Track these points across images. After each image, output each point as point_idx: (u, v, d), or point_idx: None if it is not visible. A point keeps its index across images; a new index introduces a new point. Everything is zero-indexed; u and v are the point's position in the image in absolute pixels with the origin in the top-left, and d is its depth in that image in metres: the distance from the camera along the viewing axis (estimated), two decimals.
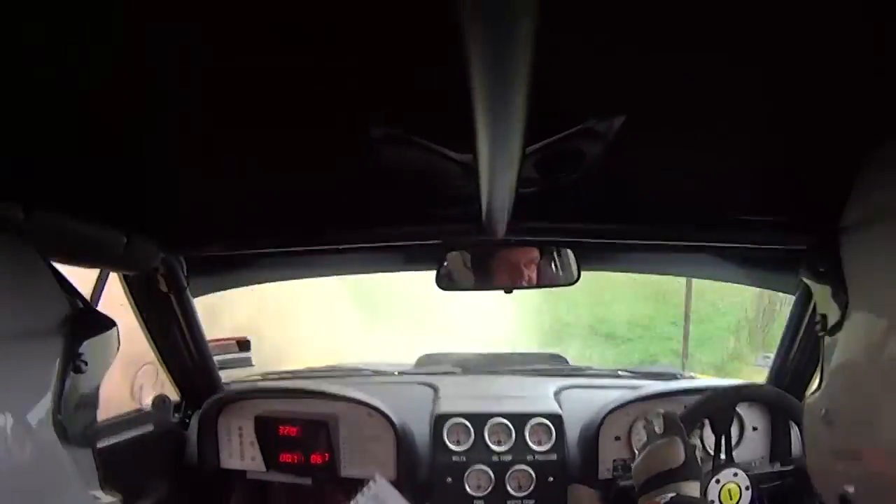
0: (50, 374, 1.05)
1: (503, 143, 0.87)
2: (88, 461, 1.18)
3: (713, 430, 1.81)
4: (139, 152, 1.16)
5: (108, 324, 1.21)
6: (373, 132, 1.02)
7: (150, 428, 2.07)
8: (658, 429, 1.62)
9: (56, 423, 1.05)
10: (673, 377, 2.59)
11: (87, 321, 1.16)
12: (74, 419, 1.11)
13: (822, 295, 1.05)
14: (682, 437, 1.59)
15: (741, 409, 2.16)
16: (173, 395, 2.20)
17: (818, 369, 1.07)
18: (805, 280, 1.15)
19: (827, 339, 1.03)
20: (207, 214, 1.60)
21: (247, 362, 2.50)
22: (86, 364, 1.13)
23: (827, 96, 0.94)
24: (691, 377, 2.65)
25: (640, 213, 1.56)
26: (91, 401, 1.19)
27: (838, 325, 0.98)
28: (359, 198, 1.48)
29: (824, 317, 1.03)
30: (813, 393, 1.06)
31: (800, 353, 2.14)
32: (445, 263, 1.95)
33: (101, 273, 1.77)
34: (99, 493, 1.19)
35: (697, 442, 2.05)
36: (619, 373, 2.72)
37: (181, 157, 1.20)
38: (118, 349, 1.27)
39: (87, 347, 1.13)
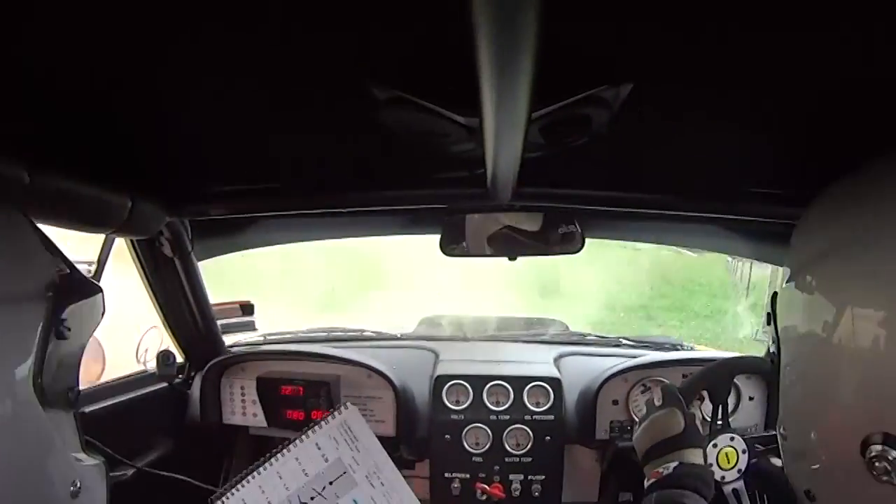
0: (32, 338, 1.06)
1: (509, 107, 0.87)
2: (70, 424, 1.19)
3: (711, 401, 1.85)
4: (143, 115, 1.16)
5: (93, 289, 1.21)
6: (377, 93, 1.01)
7: (154, 387, 2.12)
8: (657, 401, 1.68)
9: (36, 386, 1.05)
10: (673, 347, 2.62)
11: (72, 286, 1.15)
12: (56, 383, 1.12)
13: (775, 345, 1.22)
14: (681, 408, 1.64)
15: (738, 379, 2.21)
16: (178, 357, 2.24)
17: None
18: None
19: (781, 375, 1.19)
20: (212, 178, 1.61)
21: (250, 326, 2.52)
22: (69, 330, 1.13)
23: (837, 70, 0.93)
24: (691, 348, 2.67)
25: (646, 182, 1.55)
26: (73, 366, 1.20)
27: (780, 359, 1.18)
28: (363, 160, 1.48)
29: (773, 354, 1.22)
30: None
31: None
32: (449, 228, 1.95)
33: (106, 238, 1.77)
34: (81, 456, 1.20)
35: (697, 412, 2.08)
36: (621, 341, 2.73)
37: (184, 120, 1.21)
38: (103, 315, 1.27)
39: (71, 313, 1.14)
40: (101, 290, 1.24)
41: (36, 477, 1.06)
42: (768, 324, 1.23)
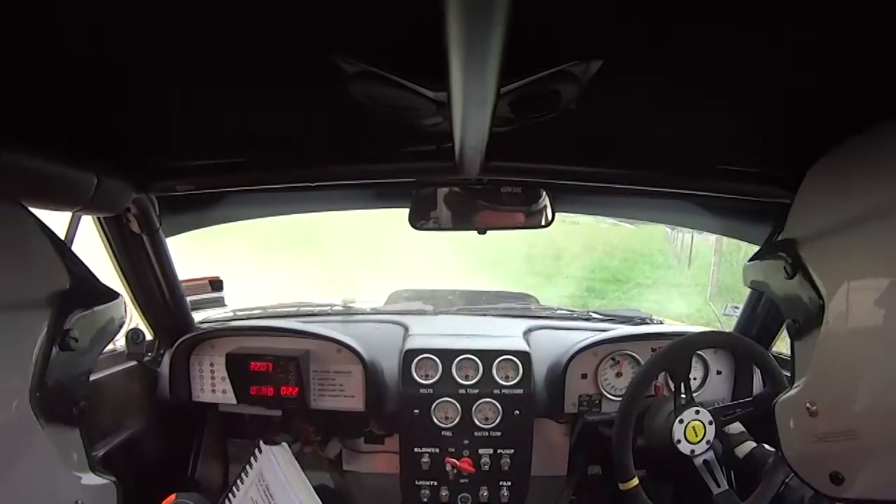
0: (30, 350, 1.01)
1: (478, 82, 0.86)
2: (76, 441, 1.15)
3: (672, 379, 1.89)
4: (107, 91, 1.13)
5: (109, 295, 1.17)
6: (346, 68, 0.99)
7: (123, 366, 2.10)
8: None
9: (35, 401, 1.01)
10: (643, 321, 2.65)
11: (83, 291, 1.12)
12: (59, 398, 1.07)
13: (788, 302, 1.15)
14: None
15: (706, 354, 2.25)
16: (147, 335, 2.22)
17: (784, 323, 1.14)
18: (761, 289, 1.26)
19: (798, 342, 1.14)
20: (179, 153, 1.58)
21: (219, 302, 2.50)
22: (75, 340, 1.09)
23: (815, 49, 0.94)
24: (660, 322, 2.70)
25: (616, 157, 1.55)
26: (80, 379, 1.15)
27: (813, 328, 1.08)
28: (332, 135, 1.46)
29: (795, 321, 1.13)
30: (784, 395, 1.18)
31: (767, 305, 2.21)
32: (418, 202, 1.94)
33: (73, 216, 1.74)
34: (88, 475, 1.16)
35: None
36: (591, 315, 2.75)
37: (150, 95, 1.18)
38: (124, 323, 1.23)
39: (80, 321, 1.10)
40: (118, 296, 1.20)
41: (30, 498, 1.02)
42: (790, 277, 1.13)
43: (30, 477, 1.02)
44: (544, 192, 1.92)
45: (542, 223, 1.98)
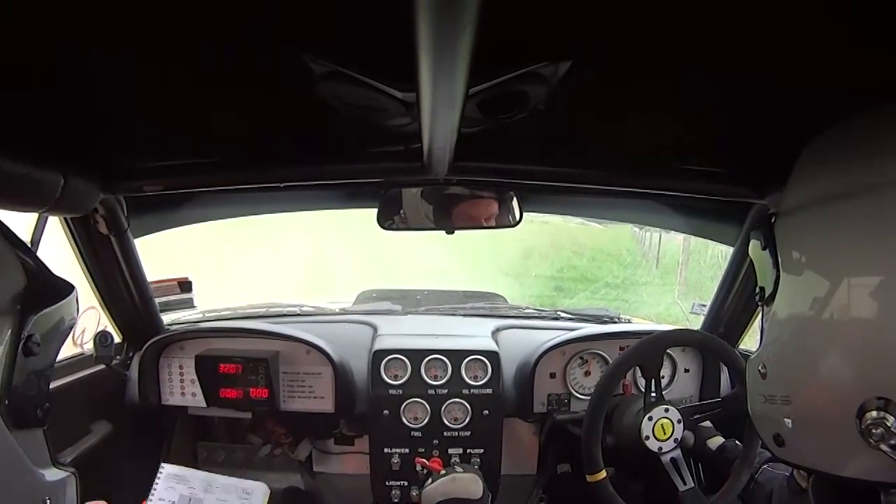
0: None
1: (447, 82, 0.86)
2: (39, 441, 1.15)
3: (643, 375, 1.91)
4: (73, 89, 1.12)
5: (64, 290, 1.16)
6: (314, 68, 0.99)
7: (92, 370, 2.07)
8: (459, 468, 1.86)
9: (2, 408, 1.01)
10: (611, 320, 2.67)
11: (40, 290, 1.10)
12: (25, 403, 1.07)
13: (760, 270, 1.20)
14: (482, 477, 1.82)
15: (674, 352, 2.27)
16: (116, 338, 2.18)
17: (751, 321, 1.18)
18: (752, 257, 1.25)
19: (764, 307, 1.18)
20: (146, 153, 1.56)
21: (189, 304, 2.47)
22: (38, 345, 1.08)
23: (783, 53, 0.95)
24: (628, 321, 2.73)
25: (585, 158, 1.57)
26: (42, 381, 1.14)
27: (772, 297, 1.13)
28: (300, 135, 1.46)
29: (762, 289, 1.18)
30: (754, 354, 1.22)
31: (734, 303, 2.24)
32: (386, 202, 1.94)
33: (39, 217, 1.71)
34: (50, 471, 1.16)
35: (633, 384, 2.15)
36: (559, 314, 2.77)
37: (117, 95, 1.17)
38: (76, 319, 1.21)
39: (40, 323, 1.08)
40: (73, 289, 1.18)
41: (5, 500, 1.02)
42: (763, 249, 1.19)
43: (3, 483, 1.02)
44: (512, 193, 1.93)
45: (511, 223, 1.99)
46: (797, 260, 1.07)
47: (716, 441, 2.03)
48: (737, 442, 1.99)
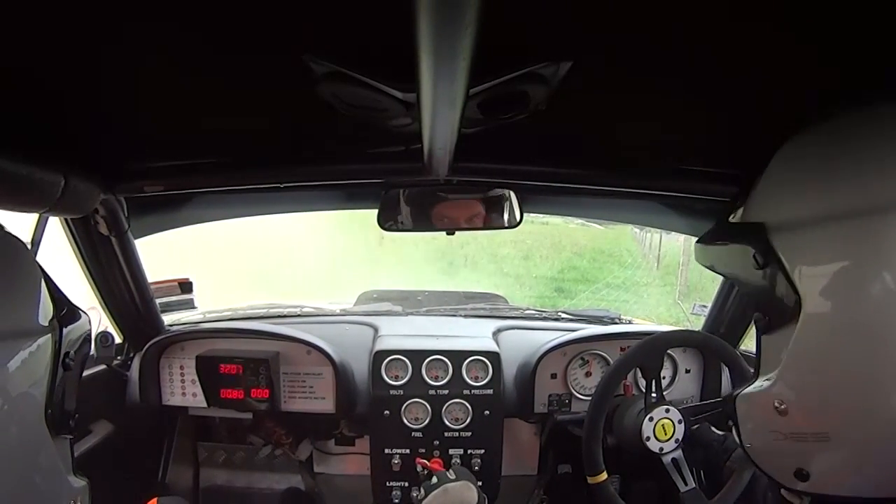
0: (43, 371, 1.06)
1: (447, 83, 0.86)
2: (67, 449, 1.18)
3: (643, 376, 1.90)
4: (73, 89, 1.12)
5: (78, 311, 1.20)
6: (315, 68, 0.99)
7: (93, 370, 2.08)
8: (451, 473, 1.79)
9: (48, 417, 1.06)
10: (612, 321, 2.67)
11: (65, 314, 1.15)
12: (62, 413, 1.12)
13: (758, 293, 1.08)
14: (475, 483, 1.76)
15: (675, 353, 2.27)
16: (117, 338, 2.19)
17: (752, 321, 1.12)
18: (722, 273, 1.23)
19: (765, 337, 1.09)
20: (146, 154, 1.57)
21: (189, 304, 2.47)
22: (72, 361, 1.14)
23: (772, 50, 0.95)
24: (629, 321, 2.73)
25: (584, 158, 1.57)
26: (74, 393, 1.19)
27: (786, 324, 1.02)
28: (301, 135, 1.46)
29: (766, 316, 1.08)
30: (746, 388, 1.13)
31: (735, 304, 2.25)
32: (386, 203, 1.95)
33: (39, 217, 1.71)
34: (75, 479, 1.20)
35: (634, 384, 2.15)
36: (560, 315, 2.77)
37: (117, 95, 1.17)
38: (90, 340, 1.26)
39: (69, 341, 1.14)
40: (86, 315, 1.23)
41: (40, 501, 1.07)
42: (760, 267, 1.05)
43: (43, 486, 1.07)
44: (512, 193, 1.94)
45: (511, 224, 2.00)
46: (824, 284, 0.96)
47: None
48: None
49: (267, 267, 9.62)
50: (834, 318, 0.95)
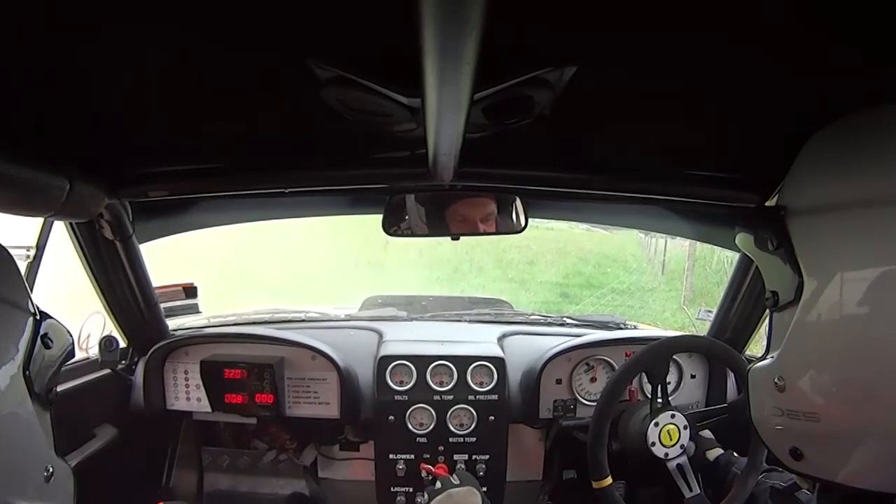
0: (22, 339, 1.08)
1: (452, 88, 0.86)
2: (46, 421, 1.18)
3: (649, 381, 1.90)
4: (79, 95, 1.12)
5: (60, 325, 1.23)
6: (319, 73, 0.99)
7: (97, 374, 2.08)
8: (455, 478, 1.76)
9: (26, 378, 1.08)
10: (617, 326, 2.66)
11: (44, 316, 1.18)
12: (40, 380, 1.14)
13: (771, 272, 1.13)
14: (479, 487, 1.73)
15: (681, 358, 2.26)
16: (121, 342, 2.19)
17: (758, 327, 1.13)
18: (751, 255, 1.22)
19: (776, 313, 1.12)
20: (152, 158, 1.56)
21: (194, 309, 2.47)
22: (51, 342, 1.16)
23: (784, 57, 0.95)
24: (634, 327, 2.72)
25: (589, 163, 1.56)
26: (54, 371, 1.20)
27: (791, 303, 1.06)
28: (305, 140, 1.46)
29: (775, 293, 1.11)
30: (759, 362, 1.16)
31: (741, 309, 2.23)
32: (391, 208, 1.94)
33: (44, 222, 1.72)
34: (53, 456, 1.19)
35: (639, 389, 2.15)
36: (565, 320, 2.76)
37: (123, 100, 1.17)
38: (71, 346, 1.28)
39: (50, 328, 1.16)
40: (68, 330, 1.26)
41: (16, 458, 1.07)
42: (775, 248, 1.10)
43: (16, 442, 1.07)
44: (517, 198, 1.93)
45: (516, 229, 1.99)
46: (826, 269, 1.00)
47: (714, 453, 2.03)
48: (734, 454, 2.00)
49: (270, 272, 9.63)
50: (832, 303, 0.99)
